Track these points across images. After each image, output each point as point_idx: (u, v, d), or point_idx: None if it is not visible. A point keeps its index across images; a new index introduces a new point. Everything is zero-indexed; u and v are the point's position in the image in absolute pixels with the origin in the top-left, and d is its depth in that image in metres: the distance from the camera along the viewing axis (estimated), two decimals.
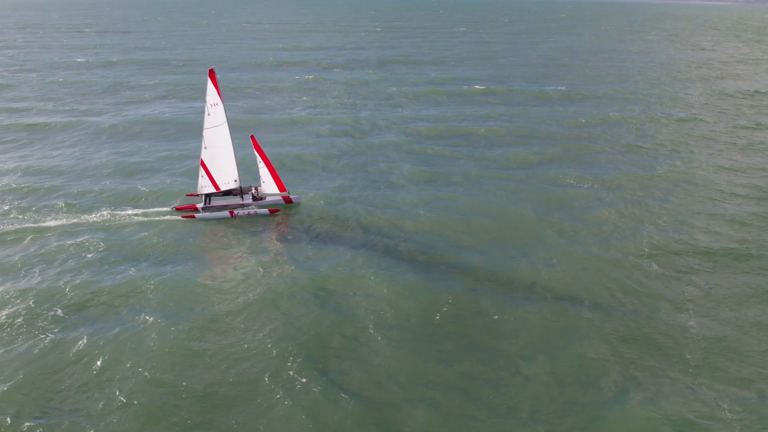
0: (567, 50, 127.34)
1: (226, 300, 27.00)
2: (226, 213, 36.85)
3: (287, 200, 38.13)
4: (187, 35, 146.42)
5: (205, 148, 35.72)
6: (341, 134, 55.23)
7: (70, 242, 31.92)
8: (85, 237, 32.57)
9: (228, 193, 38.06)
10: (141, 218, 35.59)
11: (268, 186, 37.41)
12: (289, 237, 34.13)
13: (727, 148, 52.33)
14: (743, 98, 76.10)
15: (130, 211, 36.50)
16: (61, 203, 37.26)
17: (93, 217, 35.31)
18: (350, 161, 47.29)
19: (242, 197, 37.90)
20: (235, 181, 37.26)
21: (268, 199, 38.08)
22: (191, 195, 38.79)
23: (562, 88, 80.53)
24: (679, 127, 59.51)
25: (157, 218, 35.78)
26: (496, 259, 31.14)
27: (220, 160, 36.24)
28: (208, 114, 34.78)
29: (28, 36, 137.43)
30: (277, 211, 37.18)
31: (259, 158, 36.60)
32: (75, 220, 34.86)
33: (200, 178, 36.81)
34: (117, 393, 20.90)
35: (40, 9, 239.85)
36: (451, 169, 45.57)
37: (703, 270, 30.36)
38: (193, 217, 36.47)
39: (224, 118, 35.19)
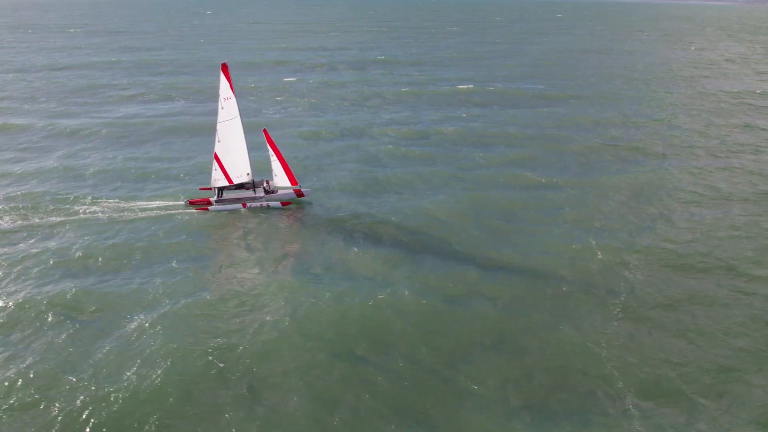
0: (556, 50, 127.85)
1: (241, 292, 27.44)
2: (238, 205, 37.28)
3: (299, 193, 38.58)
4: (183, 35, 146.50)
5: (219, 141, 36.14)
6: (332, 134, 55.74)
7: (86, 236, 32.24)
8: (97, 233, 32.85)
9: (240, 186, 38.48)
10: (155, 213, 35.94)
11: (280, 179, 37.86)
12: (302, 228, 34.61)
13: (697, 150, 51.79)
14: (726, 97, 75.98)
15: (142, 205, 36.84)
16: (70, 200, 37.55)
17: (106, 214, 35.61)
18: (345, 158, 47.71)
19: (254, 190, 38.34)
20: (248, 174, 37.68)
21: (279, 192, 38.53)
22: (204, 189, 39.19)
23: (541, 86, 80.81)
24: (653, 129, 59.14)
25: (171, 212, 36.15)
26: (500, 251, 31.75)
27: (234, 154, 36.66)
28: (222, 108, 35.21)
29: (20, 36, 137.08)
30: (289, 203, 37.64)
31: (271, 151, 37.04)
32: (86, 216, 35.17)
33: (213, 172, 37.22)
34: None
35: (39, 9, 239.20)
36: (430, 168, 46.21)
37: (640, 272, 30.14)
38: (207, 209, 36.89)
39: (237, 112, 35.63)
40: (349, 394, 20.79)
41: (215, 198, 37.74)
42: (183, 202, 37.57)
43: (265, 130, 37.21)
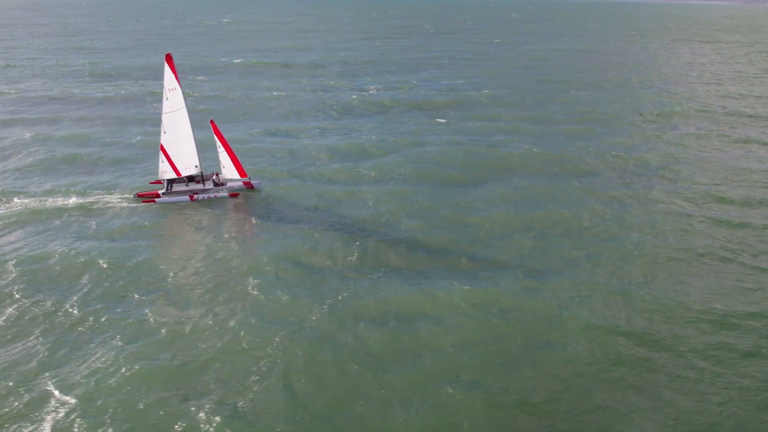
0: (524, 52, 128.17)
1: (186, 280, 27.52)
2: (186, 197, 37.32)
3: (248, 185, 38.67)
4: (162, 36, 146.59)
5: (165, 132, 36.23)
6: (284, 130, 55.87)
7: (32, 229, 32.26)
8: (45, 224, 32.93)
9: (191, 179, 38.58)
10: (101, 205, 35.97)
11: (229, 171, 37.95)
12: (250, 219, 34.70)
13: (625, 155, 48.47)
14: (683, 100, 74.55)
15: (91, 199, 36.86)
16: (18, 192, 37.60)
17: (55, 204, 35.64)
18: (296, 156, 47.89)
19: (203, 183, 38.39)
20: (196, 166, 37.75)
21: (229, 184, 38.61)
22: (154, 183, 39.23)
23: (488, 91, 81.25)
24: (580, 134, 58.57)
25: (120, 204, 36.20)
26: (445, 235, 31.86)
27: (180, 145, 36.73)
28: (167, 99, 35.31)
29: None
30: (237, 195, 37.71)
31: (218, 143, 37.14)
32: (36, 206, 35.19)
33: (161, 164, 37.29)
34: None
35: (32, 10, 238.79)
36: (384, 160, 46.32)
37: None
38: (154, 201, 36.93)
39: (183, 103, 35.73)
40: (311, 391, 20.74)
41: (164, 191, 37.80)
42: (132, 195, 37.62)
43: (212, 121, 37.33)
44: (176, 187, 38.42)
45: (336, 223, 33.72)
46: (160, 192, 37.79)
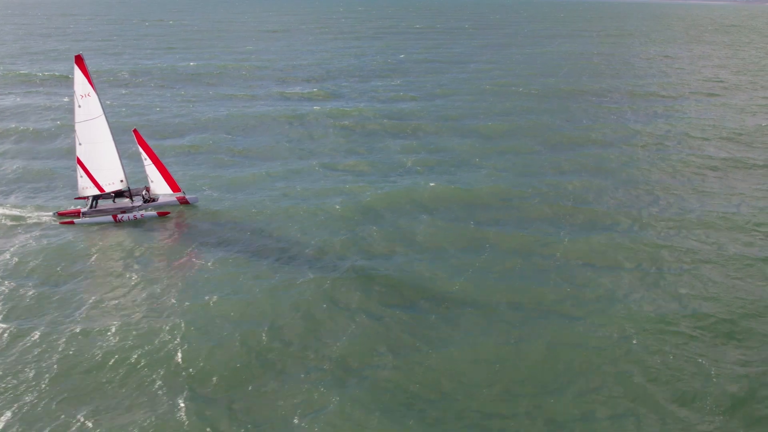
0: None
1: (109, 315, 23.21)
2: (108, 217, 32.82)
3: (182, 201, 34.35)
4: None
5: (80, 144, 31.64)
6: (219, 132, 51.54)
7: None
8: None
9: (119, 194, 34.08)
10: (12, 223, 31.32)
11: (158, 185, 33.59)
12: (184, 243, 30.36)
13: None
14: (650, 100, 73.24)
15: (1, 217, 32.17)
16: None
17: None
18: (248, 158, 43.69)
19: (132, 199, 33.93)
20: (122, 181, 33.27)
21: (161, 200, 34.23)
22: (79, 198, 34.68)
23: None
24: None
25: (35, 222, 31.62)
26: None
27: (100, 158, 32.20)
28: (79, 106, 30.69)
29: None
30: (167, 213, 33.33)
31: (144, 155, 32.74)
32: None
33: (79, 179, 32.71)
34: None
35: (27, 7, 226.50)
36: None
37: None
38: (73, 222, 32.36)
39: (100, 110, 31.17)
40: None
41: (87, 209, 33.26)
42: (51, 214, 33.03)
43: (135, 131, 32.86)
44: (102, 204, 33.91)
45: (285, 245, 29.62)
46: (82, 210, 33.29)
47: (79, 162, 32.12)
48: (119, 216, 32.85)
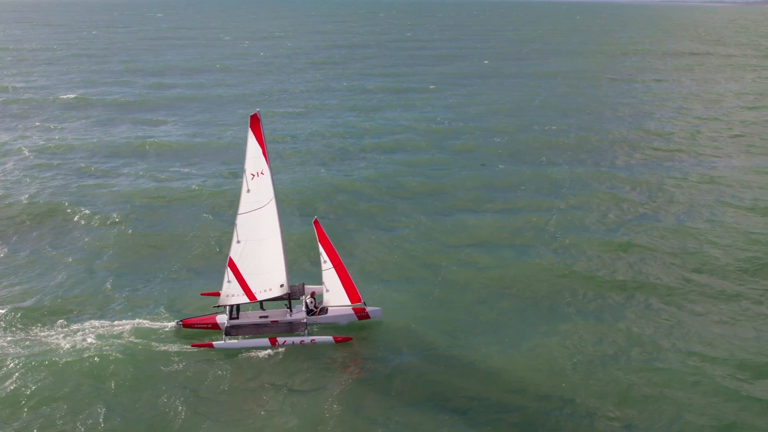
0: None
1: None
2: (264, 340, 22.44)
3: (362, 315, 23.80)
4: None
5: (238, 242, 21.17)
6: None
7: None
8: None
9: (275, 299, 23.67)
10: (118, 344, 21.25)
11: (335, 296, 23.06)
12: (370, 392, 19.89)
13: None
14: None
15: (100, 332, 22.07)
16: None
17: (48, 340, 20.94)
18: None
19: (290, 307, 23.47)
20: (281, 286, 22.81)
21: (330, 312, 23.68)
22: (206, 294, 24.62)
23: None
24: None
25: (147, 342, 21.57)
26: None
27: (261, 258, 21.77)
28: (248, 190, 20.20)
29: None
30: (348, 340, 22.78)
31: (324, 255, 22.22)
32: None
33: (226, 284, 22.29)
34: None
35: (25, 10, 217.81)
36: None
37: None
38: (211, 346, 22.10)
39: (272, 194, 20.64)
40: None
41: (227, 318, 22.98)
42: (174, 324, 22.92)
43: (316, 221, 22.16)
44: (246, 313, 23.62)
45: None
46: (218, 319, 23.06)
47: (232, 264, 21.69)
48: (279, 339, 22.43)
